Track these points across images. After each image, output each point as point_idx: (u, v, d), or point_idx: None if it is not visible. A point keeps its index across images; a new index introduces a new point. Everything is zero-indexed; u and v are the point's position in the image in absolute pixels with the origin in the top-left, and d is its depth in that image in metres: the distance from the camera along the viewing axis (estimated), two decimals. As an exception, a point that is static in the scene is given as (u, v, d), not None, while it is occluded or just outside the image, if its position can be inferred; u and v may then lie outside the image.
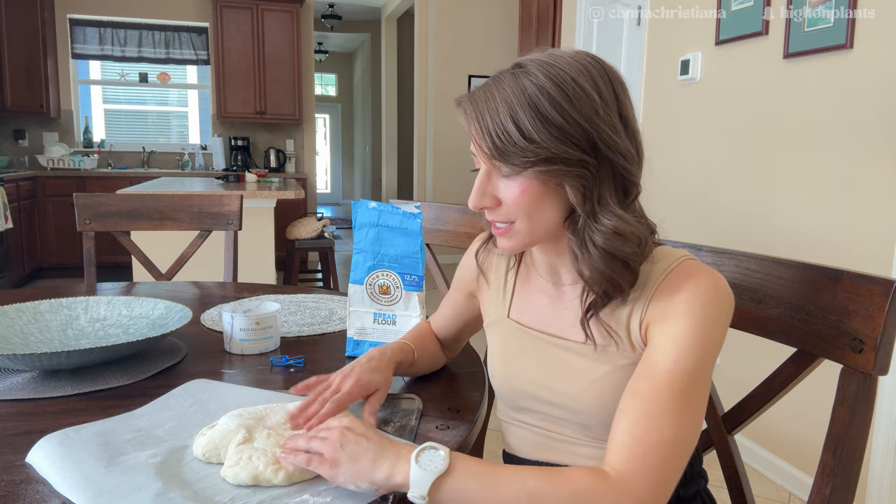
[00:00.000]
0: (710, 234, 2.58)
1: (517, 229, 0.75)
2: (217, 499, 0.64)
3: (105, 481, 0.65)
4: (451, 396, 0.93)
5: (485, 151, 0.72)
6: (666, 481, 0.65)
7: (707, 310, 0.70)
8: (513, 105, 0.69)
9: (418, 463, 0.64)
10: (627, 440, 0.66)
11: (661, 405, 0.66)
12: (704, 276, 0.72)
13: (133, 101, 6.17)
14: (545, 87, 0.69)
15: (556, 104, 0.69)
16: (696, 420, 0.68)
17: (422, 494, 0.63)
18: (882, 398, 1.85)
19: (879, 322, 0.72)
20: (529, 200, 0.72)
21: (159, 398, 0.88)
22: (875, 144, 1.89)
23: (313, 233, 4.11)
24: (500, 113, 0.70)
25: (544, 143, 0.69)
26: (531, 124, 0.69)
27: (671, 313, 0.71)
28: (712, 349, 0.70)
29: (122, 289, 1.61)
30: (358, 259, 1.10)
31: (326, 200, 12.36)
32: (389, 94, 7.75)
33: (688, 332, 0.69)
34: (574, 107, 0.69)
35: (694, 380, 0.68)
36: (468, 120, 0.73)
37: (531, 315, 0.85)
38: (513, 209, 0.74)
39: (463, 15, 5.77)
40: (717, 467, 0.94)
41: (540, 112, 0.69)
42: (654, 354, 0.70)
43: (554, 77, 0.70)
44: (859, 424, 0.75)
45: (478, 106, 0.72)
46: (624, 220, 0.71)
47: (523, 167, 0.70)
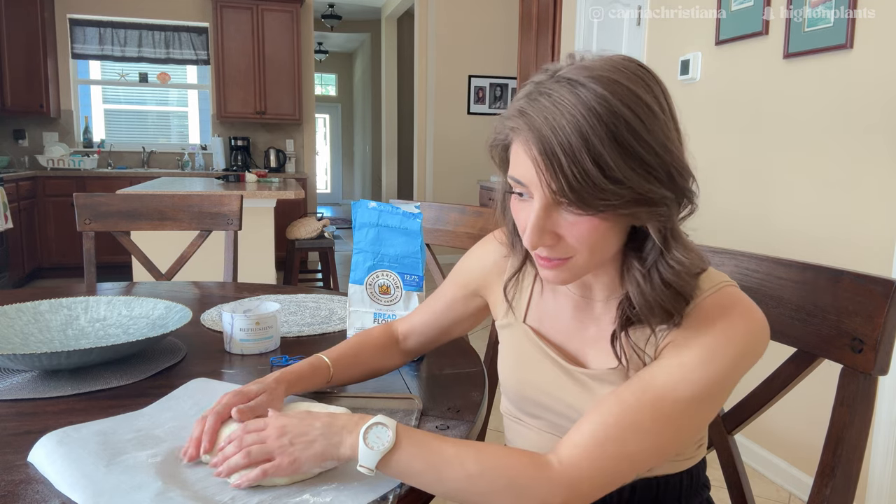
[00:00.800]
0: (710, 234, 2.58)
1: (575, 263, 0.67)
2: (217, 498, 0.65)
3: (105, 480, 0.66)
4: (451, 396, 0.93)
5: (552, 189, 0.61)
6: (607, 486, 0.65)
7: (731, 349, 0.65)
8: (587, 134, 0.58)
9: (366, 440, 0.65)
10: (588, 440, 0.65)
11: (636, 420, 0.64)
12: (740, 313, 0.66)
13: (133, 101, 6.17)
14: (618, 111, 0.59)
15: (633, 132, 0.59)
16: (666, 447, 0.66)
17: (368, 469, 0.65)
18: (882, 398, 1.85)
19: (879, 322, 0.72)
20: (596, 237, 0.64)
21: (161, 399, 0.88)
22: (875, 144, 1.89)
23: (313, 233, 4.11)
24: (573, 145, 0.58)
25: (628, 182, 0.59)
26: (612, 160, 0.58)
27: (694, 341, 0.66)
28: (717, 392, 0.66)
29: (122, 289, 1.60)
30: (358, 259, 1.10)
31: (326, 200, 12.36)
32: (389, 94, 7.74)
33: (699, 365, 0.65)
34: (649, 132, 0.60)
35: (682, 411, 0.65)
36: (525, 148, 0.63)
37: (551, 325, 0.80)
38: (575, 245, 0.65)
39: (463, 15, 5.77)
40: (717, 467, 0.94)
41: (618, 143, 0.59)
42: (656, 372, 0.67)
43: (620, 95, 0.60)
44: (859, 424, 0.75)
45: (540, 132, 0.60)
46: (690, 253, 0.66)
47: (602, 210, 0.61)
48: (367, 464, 0.65)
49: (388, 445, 0.65)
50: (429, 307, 0.97)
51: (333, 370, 0.89)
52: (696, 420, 0.68)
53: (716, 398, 0.67)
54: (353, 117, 11.96)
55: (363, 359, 0.94)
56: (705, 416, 0.68)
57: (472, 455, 0.66)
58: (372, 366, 0.95)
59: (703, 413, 0.67)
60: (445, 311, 0.95)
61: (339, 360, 0.90)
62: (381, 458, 0.65)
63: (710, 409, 0.67)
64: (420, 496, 0.69)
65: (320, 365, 0.88)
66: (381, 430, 0.66)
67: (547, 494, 0.63)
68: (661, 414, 0.65)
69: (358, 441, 0.66)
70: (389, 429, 0.66)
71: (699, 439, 0.82)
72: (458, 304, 0.94)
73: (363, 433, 0.66)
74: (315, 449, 0.66)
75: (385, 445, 0.65)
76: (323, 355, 0.90)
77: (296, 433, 0.67)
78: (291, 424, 0.68)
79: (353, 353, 0.93)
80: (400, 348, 0.99)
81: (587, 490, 0.64)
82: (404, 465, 0.65)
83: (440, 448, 0.66)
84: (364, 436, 0.66)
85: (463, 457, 0.65)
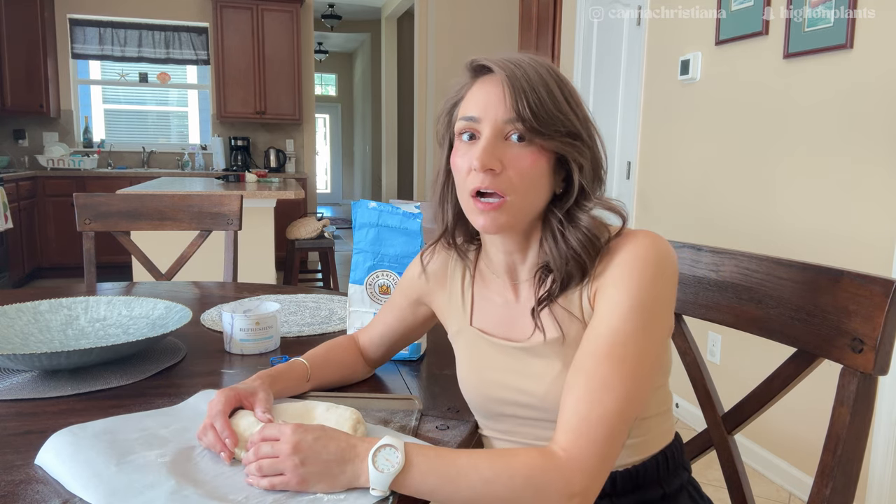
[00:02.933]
0: (710, 234, 2.58)
1: (510, 204, 0.73)
2: (231, 497, 0.65)
3: (117, 479, 0.66)
4: (451, 396, 0.93)
5: (515, 110, 0.71)
6: (611, 451, 0.66)
7: (646, 272, 0.70)
8: (546, 77, 0.73)
9: (375, 464, 0.65)
10: (573, 418, 0.67)
11: (602, 378, 0.67)
12: (642, 236, 0.73)
13: (133, 101, 6.17)
14: (561, 75, 0.75)
15: (570, 91, 0.75)
16: (640, 387, 0.69)
17: (383, 492, 0.65)
18: (882, 398, 1.85)
19: (879, 322, 0.72)
20: (535, 174, 0.73)
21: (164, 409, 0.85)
22: (875, 144, 1.89)
23: (313, 233, 4.11)
24: (536, 81, 0.72)
25: (569, 117, 0.73)
26: (561, 98, 0.73)
27: (610, 279, 0.72)
28: (656, 310, 0.71)
29: (122, 289, 1.61)
30: (358, 259, 1.10)
31: (326, 200, 12.36)
32: (389, 94, 7.74)
33: (626, 295, 0.70)
34: (579, 99, 0.76)
35: (636, 345, 0.69)
36: (493, 83, 0.74)
37: (492, 320, 0.84)
38: (515, 179, 0.72)
39: (463, 15, 5.76)
40: (717, 467, 0.94)
41: (564, 90, 0.74)
42: (596, 324, 0.71)
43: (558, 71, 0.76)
44: (859, 424, 0.75)
45: (509, 68, 0.73)
46: (602, 204, 0.75)
47: (552, 136, 0.72)
48: (379, 487, 0.65)
49: (399, 467, 0.65)
50: (382, 318, 0.99)
51: (311, 371, 0.90)
52: (651, 348, 0.70)
53: (659, 316, 0.71)
54: (353, 117, 11.96)
55: (333, 357, 0.95)
56: (658, 341, 0.71)
57: (485, 460, 0.66)
58: (342, 365, 0.96)
59: (654, 339, 0.71)
60: (397, 322, 0.97)
61: (312, 358, 0.92)
62: (394, 480, 0.65)
63: (659, 332, 0.72)
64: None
65: (295, 363, 0.90)
66: (390, 451, 0.66)
67: (566, 485, 0.64)
68: (619, 360, 0.68)
69: (367, 466, 0.65)
70: (398, 450, 0.65)
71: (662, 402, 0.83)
72: (406, 314, 0.96)
73: (372, 457, 0.65)
74: (325, 474, 0.66)
75: (395, 467, 0.65)
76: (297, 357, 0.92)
77: (308, 453, 0.66)
78: (306, 443, 0.67)
79: (322, 353, 0.95)
80: (363, 357, 1.00)
81: (597, 464, 0.65)
82: (418, 482, 0.65)
83: (453, 459, 0.66)
84: (373, 460, 0.65)
85: (476, 463, 0.65)
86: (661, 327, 0.72)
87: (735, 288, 0.89)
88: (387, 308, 0.98)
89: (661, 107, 2.90)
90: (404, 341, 1.00)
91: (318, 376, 0.92)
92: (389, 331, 0.98)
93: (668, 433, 0.85)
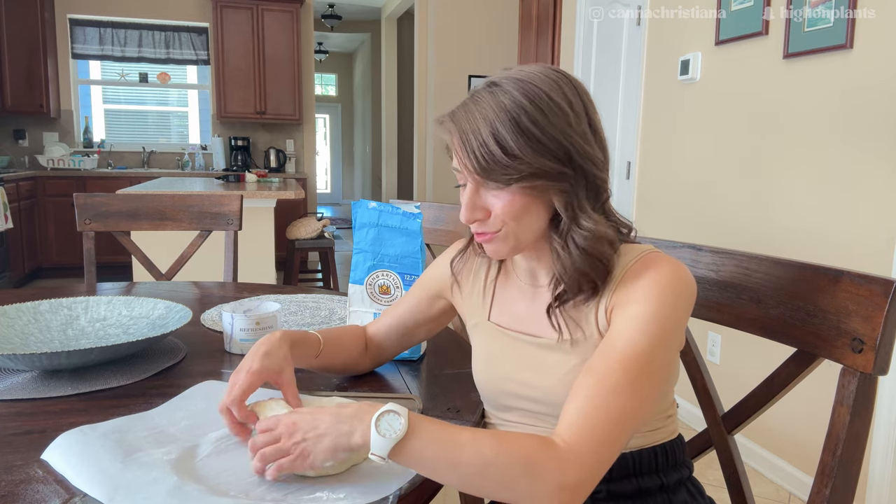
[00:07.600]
0: (710, 233, 2.58)
1: (505, 234, 0.77)
2: (232, 493, 0.66)
3: (121, 475, 0.67)
4: (451, 396, 0.93)
5: (470, 169, 0.74)
6: (609, 452, 0.68)
7: (666, 293, 0.73)
8: (493, 122, 0.72)
9: (378, 428, 0.65)
10: (578, 415, 0.68)
11: (613, 383, 0.69)
12: (666, 263, 0.75)
13: (133, 101, 6.17)
14: (522, 104, 0.72)
15: (533, 119, 0.72)
16: (647, 398, 0.71)
17: (381, 457, 0.65)
18: (882, 398, 1.85)
19: (879, 322, 0.72)
20: (516, 210, 0.75)
21: (173, 399, 0.88)
22: (875, 144, 1.89)
23: (313, 233, 4.11)
24: (482, 132, 0.72)
25: (526, 158, 0.72)
26: (513, 141, 0.71)
27: (632, 297, 0.74)
28: (670, 331, 0.72)
29: (122, 289, 1.61)
30: (358, 259, 1.10)
31: (326, 200, 12.36)
32: (389, 94, 7.74)
33: (645, 313, 0.72)
34: (549, 121, 0.73)
35: (649, 360, 0.70)
36: (451, 139, 0.76)
37: (510, 317, 0.87)
38: (503, 217, 0.76)
39: (463, 15, 5.76)
40: (717, 467, 0.94)
41: (520, 128, 0.72)
42: (613, 335, 0.73)
43: (529, 93, 0.73)
44: (859, 424, 0.75)
45: (460, 125, 0.74)
46: (599, 223, 0.76)
47: (507, 183, 0.73)
48: (379, 452, 0.65)
49: (401, 433, 0.65)
50: (393, 311, 1.01)
51: (323, 345, 0.92)
52: (663, 362, 0.73)
53: (672, 337, 0.73)
54: (353, 117, 11.96)
55: (344, 341, 0.97)
56: (669, 357, 0.74)
57: (489, 440, 0.66)
58: (349, 353, 0.98)
59: (666, 354, 0.73)
60: (408, 314, 0.99)
61: (326, 336, 0.94)
62: (394, 446, 0.65)
63: (671, 348, 0.74)
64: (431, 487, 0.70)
65: (311, 335, 0.92)
66: (393, 417, 0.66)
67: (560, 475, 0.64)
68: (630, 370, 0.70)
69: (370, 429, 0.65)
70: (401, 416, 0.66)
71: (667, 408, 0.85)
72: (421, 307, 0.99)
73: (375, 421, 0.65)
74: (326, 441, 0.66)
75: (398, 433, 0.65)
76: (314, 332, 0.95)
77: (306, 428, 0.68)
78: (302, 420, 0.68)
79: (335, 335, 0.96)
80: (367, 350, 1.01)
81: (594, 462, 0.66)
82: (417, 452, 0.65)
83: (455, 434, 0.67)
84: (376, 424, 0.65)
85: (479, 442, 0.66)
86: (675, 345, 0.75)
87: (735, 288, 0.90)
88: (400, 302, 1.01)
89: (661, 107, 2.90)
90: (409, 338, 1.01)
91: (326, 355, 0.94)
92: (399, 322, 1.00)
93: (671, 434, 0.86)
